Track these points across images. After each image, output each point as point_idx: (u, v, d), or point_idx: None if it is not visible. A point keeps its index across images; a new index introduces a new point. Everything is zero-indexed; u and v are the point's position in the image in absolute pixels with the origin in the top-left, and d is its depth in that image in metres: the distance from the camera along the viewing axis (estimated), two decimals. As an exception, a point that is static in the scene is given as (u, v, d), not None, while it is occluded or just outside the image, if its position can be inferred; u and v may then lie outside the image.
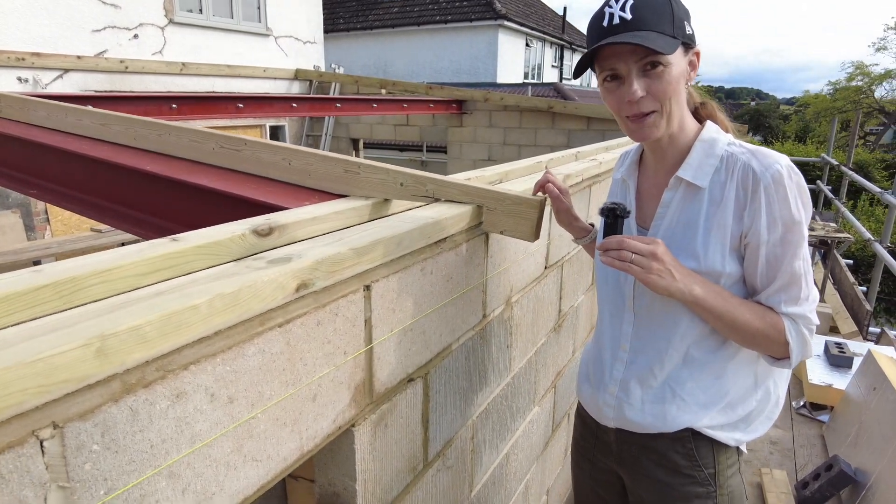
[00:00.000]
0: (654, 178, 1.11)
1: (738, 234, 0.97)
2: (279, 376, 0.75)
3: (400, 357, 1.00)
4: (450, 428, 1.24)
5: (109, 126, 1.86)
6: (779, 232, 0.93)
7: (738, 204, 0.96)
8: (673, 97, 0.96)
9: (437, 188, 1.25)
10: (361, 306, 0.87)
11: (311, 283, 0.77)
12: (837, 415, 2.77)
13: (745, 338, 0.98)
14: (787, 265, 0.94)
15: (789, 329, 0.96)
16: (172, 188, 1.56)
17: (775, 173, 0.93)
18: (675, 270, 0.93)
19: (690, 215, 1.01)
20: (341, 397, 0.87)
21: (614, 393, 1.14)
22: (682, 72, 0.96)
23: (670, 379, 1.07)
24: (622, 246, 0.93)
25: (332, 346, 0.83)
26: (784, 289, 0.96)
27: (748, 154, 0.97)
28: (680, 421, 1.06)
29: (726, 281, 0.99)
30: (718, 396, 1.06)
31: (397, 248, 0.94)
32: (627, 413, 1.11)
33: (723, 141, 1.00)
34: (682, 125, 1.02)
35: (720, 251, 0.98)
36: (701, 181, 0.99)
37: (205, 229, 1.02)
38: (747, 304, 0.98)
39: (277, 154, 1.49)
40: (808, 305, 0.97)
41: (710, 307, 0.96)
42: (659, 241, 0.94)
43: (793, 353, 0.97)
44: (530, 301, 1.63)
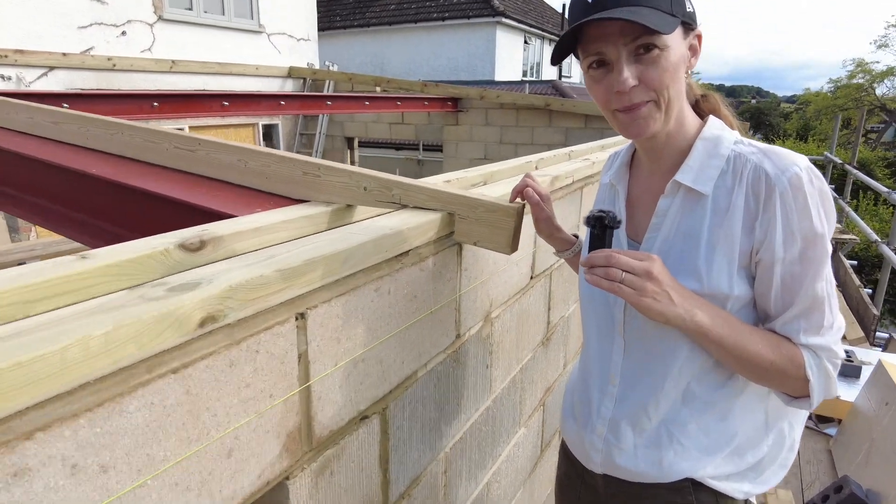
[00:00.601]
0: (647, 183, 0.96)
1: (748, 249, 0.81)
2: (177, 433, 0.60)
3: (348, 393, 0.86)
4: (417, 465, 1.10)
5: (62, 125, 1.72)
6: (797, 247, 0.78)
7: (747, 213, 0.81)
8: (671, 86, 0.81)
9: (404, 193, 1.11)
10: (293, 339, 0.73)
11: (220, 315, 0.63)
12: (846, 429, 2.62)
13: (757, 373, 0.83)
14: (808, 287, 0.79)
15: (809, 363, 0.81)
16: (124, 193, 1.42)
17: (793, 177, 0.77)
18: (675, 292, 0.78)
19: (691, 227, 0.86)
20: (269, 448, 0.73)
21: (602, 434, 0.99)
22: (682, 57, 0.82)
23: (667, 420, 0.92)
24: (610, 262, 0.77)
25: (253, 389, 0.68)
26: (804, 315, 0.80)
27: (760, 154, 0.81)
28: (678, 469, 0.91)
29: (733, 305, 0.84)
30: (724, 441, 0.91)
31: (343, 266, 0.80)
32: (617, 458, 0.96)
33: (729, 139, 0.86)
34: (680, 121, 0.87)
35: (726, 270, 0.82)
36: (703, 186, 0.84)
37: (124, 244, 0.88)
38: (760, 332, 0.83)
39: (233, 155, 1.35)
40: (832, 335, 0.81)
41: (717, 337, 0.80)
42: (655, 256, 0.78)
43: (813, 391, 0.81)
44: (514, 315, 1.48)
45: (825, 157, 7.14)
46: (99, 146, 1.62)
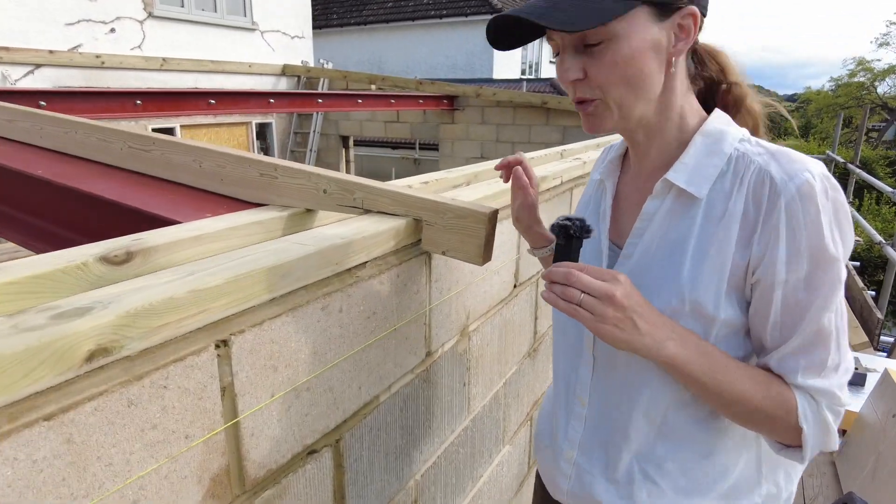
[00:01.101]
0: (635, 182, 0.84)
1: (743, 266, 0.69)
2: (54, 490, 0.50)
3: (290, 427, 0.75)
4: (380, 497, 0.99)
5: (15, 122, 1.62)
6: (803, 269, 0.65)
7: (745, 223, 0.68)
8: (623, 83, 0.68)
9: (366, 196, 1.00)
10: (212, 370, 0.62)
11: (115, 346, 0.53)
12: (851, 441, 2.52)
13: (740, 416, 0.71)
14: (813, 318, 0.66)
15: (804, 410, 0.68)
16: (72, 197, 1.32)
17: (803, 184, 0.64)
18: (641, 320, 0.66)
19: (679, 234, 0.73)
20: (187, 495, 0.62)
21: (571, 459, 0.87)
22: (648, 45, 0.67)
23: (640, 454, 0.80)
24: (569, 280, 0.66)
25: (162, 431, 0.58)
26: (804, 351, 0.67)
27: (766, 155, 0.69)
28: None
29: (720, 331, 0.71)
30: (706, 483, 0.78)
31: (281, 282, 0.69)
32: (587, 489, 0.84)
33: (734, 135, 0.72)
34: (665, 112, 0.74)
35: (714, 288, 0.70)
36: (697, 188, 0.71)
37: (36, 257, 0.77)
38: (746, 369, 0.70)
39: (188, 155, 1.24)
40: (836, 378, 0.68)
41: (690, 372, 0.68)
42: (622, 277, 0.66)
43: (807, 443, 0.68)
44: (495, 327, 1.38)
45: (827, 156, 7.03)
46: (53, 145, 1.52)
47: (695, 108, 0.77)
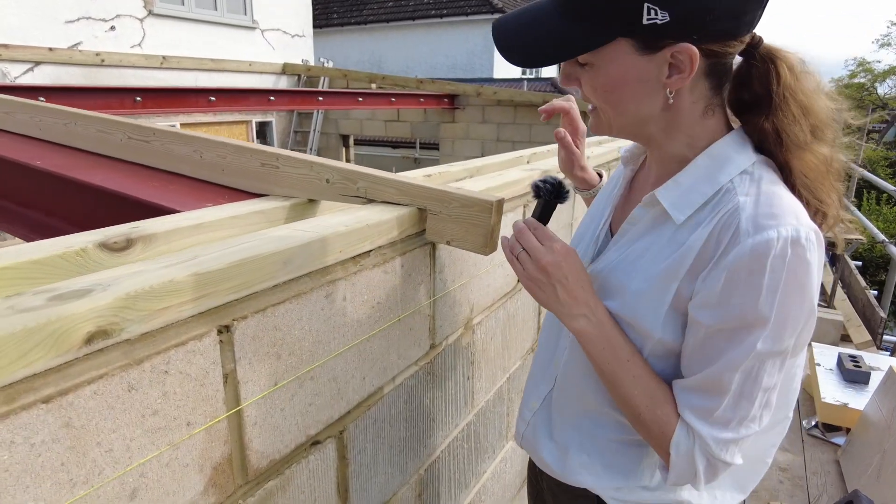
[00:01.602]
0: (645, 178, 0.84)
1: (687, 296, 0.68)
2: (53, 475, 0.49)
3: (294, 416, 0.74)
4: (384, 490, 0.98)
5: (14, 114, 1.61)
6: (729, 323, 0.63)
7: (700, 258, 0.66)
8: (607, 107, 0.71)
9: (370, 186, 0.99)
10: (214, 356, 0.61)
11: (115, 329, 0.51)
12: (855, 439, 2.50)
13: (626, 414, 0.75)
14: (719, 369, 0.64)
15: (678, 440, 0.68)
16: (72, 188, 1.30)
17: (760, 243, 0.61)
18: (562, 289, 0.72)
19: (643, 249, 0.74)
20: (188, 484, 0.61)
21: (534, 409, 0.94)
22: (633, 76, 0.66)
23: (580, 426, 0.85)
24: (517, 235, 0.76)
25: (163, 417, 0.57)
26: (699, 391, 0.67)
27: (751, 199, 0.65)
28: (579, 479, 0.85)
29: (657, 349, 0.71)
30: (637, 471, 0.81)
31: (284, 268, 0.68)
32: (536, 440, 0.92)
33: (738, 164, 0.68)
34: (669, 133, 0.71)
35: (655, 307, 0.70)
36: (678, 212, 0.70)
37: (35, 243, 0.76)
38: (648, 380, 0.71)
39: (188, 145, 1.23)
40: (720, 432, 0.66)
41: (591, 353, 0.73)
42: (557, 246, 0.73)
43: (672, 469, 0.70)
44: (499, 321, 1.36)
45: (828, 156, 7.03)
46: (52, 137, 1.51)
47: (712, 129, 0.71)
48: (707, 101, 0.70)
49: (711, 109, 0.70)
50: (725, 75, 0.69)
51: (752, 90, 0.69)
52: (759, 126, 0.69)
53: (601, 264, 0.80)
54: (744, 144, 0.70)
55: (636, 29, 0.63)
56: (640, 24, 0.62)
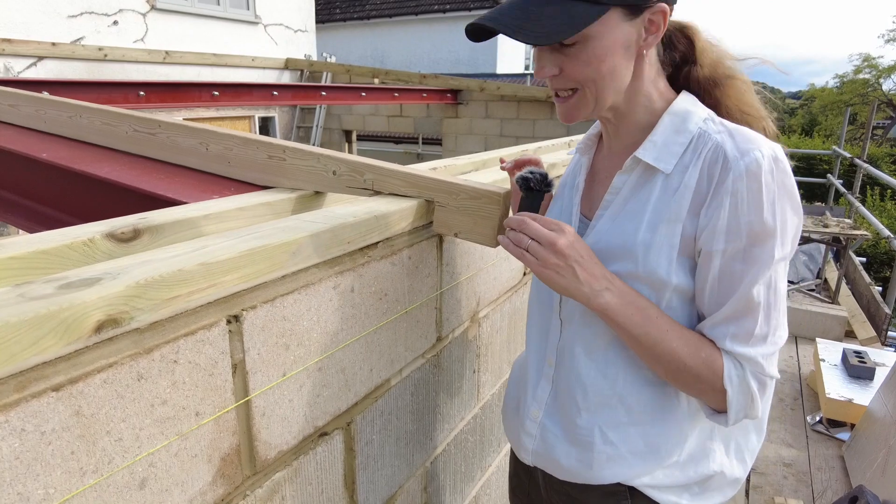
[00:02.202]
0: (608, 159, 0.87)
1: (692, 234, 0.72)
2: (63, 464, 0.48)
3: (302, 407, 0.74)
4: (391, 483, 0.98)
5: (18, 107, 1.60)
6: (741, 242, 0.69)
7: (697, 195, 0.72)
8: (597, 78, 0.73)
9: (377, 178, 0.99)
10: (223, 346, 0.61)
11: (125, 318, 0.51)
12: (860, 435, 2.50)
13: (671, 373, 0.74)
14: (746, 288, 0.69)
15: (730, 374, 0.71)
16: (77, 180, 1.30)
17: (752, 162, 0.68)
18: (581, 269, 0.71)
19: (638, 204, 0.77)
20: (197, 475, 0.61)
21: (537, 419, 0.88)
22: (620, 43, 0.72)
23: (600, 417, 0.82)
24: (521, 227, 0.73)
25: (172, 406, 0.56)
26: (734, 319, 0.71)
27: (724, 134, 0.73)
28: (609, 473, 0.81)
29: (673, 297, 0.75)
30: (664, 448, 0.80)
31: (292, 259, 0.68)
32: (550, 449, 0.86)
33: (699, 115, 0.77)
34: (634, 98, 0.78)
35: (666, 254, 0.73)
36: (665, 164, 0.75)
37: (43, 233, 0.76)
38: (680, 330, 0.73)
39: (194, 137, 1.23)
40: (763, 348, 0.71)
41: (623, 324, 0.72)
42: (567, 228, 0.73)
43: (731, 406, 0.72)
44: (505, 314, 1.36)
45: (833, 152, 6.99)
46: (57, 130, 1.51)
47: (663, 91, 0.79)
48: (657, 65, 0.78)
49: (660, 72, 0.79)
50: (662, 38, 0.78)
51: (677, 49, 0.80)
52: (697, 75, 0.79)
53: (595, 237, 0.80)
54: (695, 99, 0.79)
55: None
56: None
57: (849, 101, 22.04)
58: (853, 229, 4.59)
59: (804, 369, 3.51)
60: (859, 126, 19.67)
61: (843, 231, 4.56)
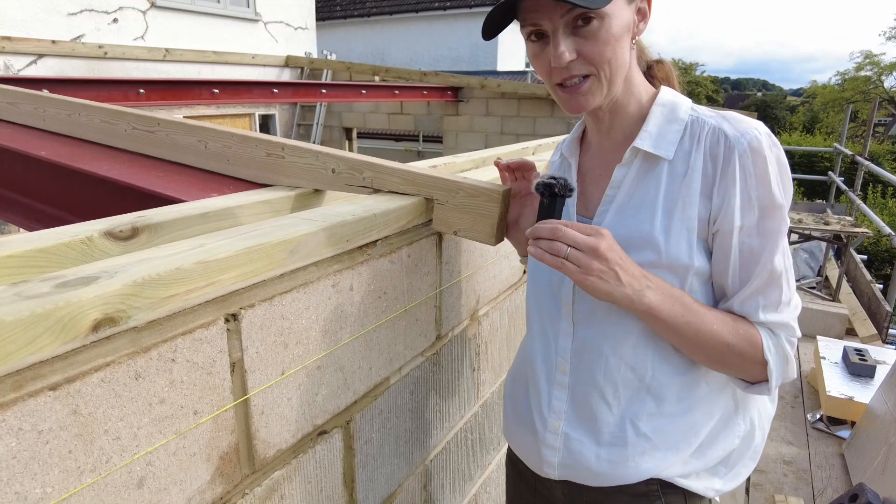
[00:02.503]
0: (599, 157, 0.87)
1: (706, 217, 0.75)
2: (60, 463, 0.48)
3: (301, 406, 0.73)
4: (390, 481, 0.98)
5: (18, 105, 1.60)
6: (755, 216, 0.73)
7: (705, 177, 0.74)
8: (613, 59, 0.74)
9: (376, 176, 0.98)
10: (222, 345, 0.61)
11: (122, 317, 0.51)
12: (860, 432, 2.50)
13: (714, 357, 0.76)
14: (766, 261, 0.73)
15: (767, 344, 0.75)
16: (75, 178, 1.30)
17: (753, 139, 0.72)
18: (622, 271, 0.71)
19: (646, 195, 0.78)
20: (195, 473, 0.61)
21: (558, 430, 0.86)
22: (626, 25, 0.74)
23: (631, 411, 0.81)
24: (556, 235, 0.71)
25: (170, 405, 0.56)
26: (762, 291, 0.74)
27: (718, 117, 0.77)
28: (644, 469, 0.81)
29: (694, 280, 0.77)
30: (692, 434, 0.81)
31: (290, 257, 0.67)
32: (578, 458, 0.84)
33: (685, 104, 0.80)
34: (629, 89, 0.80)
35: (686, 238, 0.75)
36: (664, 151, 0.77)
37: (41, 232, 0.76)
38: (716, 313, 0.75)
39: (193, 135, 1.22)
40: (789, 312, 0.76)
41: (668, 317, 0.73)
42: (604, 231, 0.71)
43: (772, 374, 0.75)
44: (504, 312, 1.36)
45: (835, 149, 6.98)
46: (56, 128, 1.50)
47: (643, 83, 0.83)
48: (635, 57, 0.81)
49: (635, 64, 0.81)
50: None
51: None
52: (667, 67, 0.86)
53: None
54: (675, 91, 0.83)
55: None
56: None
57: (850, 99, 21.99)
58: (854, 227, 4.59)
59: (805, 367, 3.51)
60: (861, 123, 19.62)
61: (844, 229, 4.55)
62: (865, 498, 1.88)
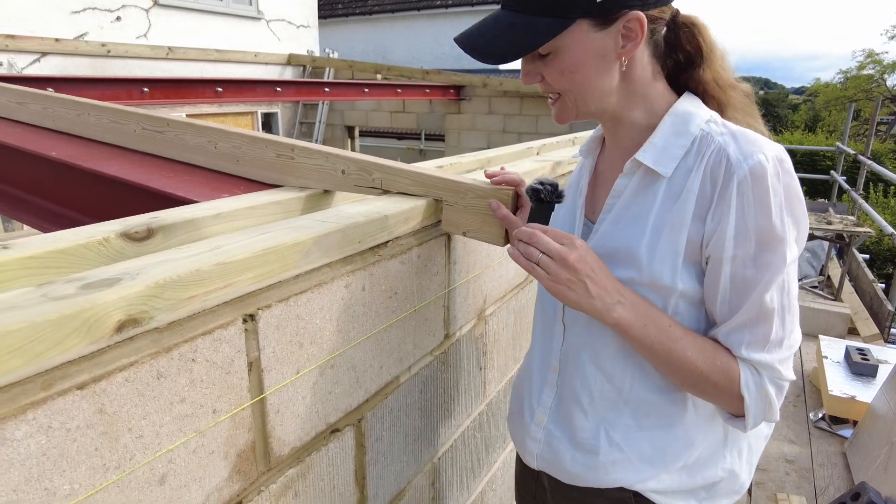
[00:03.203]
0: (611, 160, 0.86)
1: (698, 240, 0.72)
2: (87, 460, 0.50)
3: (315, 404, 0.75)
4: (399, 478, 0.99)
5: (26, 105, 1.61)
6: (751, 248, 0.68)
7: (701, 199, 0.71)
8: (573, 87, 0.75)
9: (385, 177, 0.99)
10: (240, 345, 0.62)
11: (144, 317, 0.52)
12: (862, 432, 2.51)
13: (686, 382, 0.74)
14: (759, 295, 0.69)
15: (746, 381, 0.71)
16: (85, 178, 1.31)
17: (756, 165, 0.67)
18: (592, 283, 0.70)
19: (640, 209, 0.76)
20: (214, 471, 0.62)
21: (542, 423, 0.89)
22: (594, 53, 0.72)
23: (606, 420, 0.82)
24: (531, 240, 0.72)
25: (190, 404, 0.58)
26: (748, 326, 0.70)
27: (728, 136, 0.72)
28: (615, 477, 0.81)
29: (679, 302, 0.74)
30: (672, 454, 0.80)
31: (305, 258, 0.69)
32: (555, 454, 0.86)
33: (701, 116, 0.75)
34: (627, 102, 0.77)
35: (670, 260, 0.73)
36: (664, 167, 0.74)
37: (58, 233, 0.77)
38: (694, 338, 0.73)
39: (203, 136, 1.23)
40: (778, 353, 0.71)
41: (637, 336, 0.72)
42: (578, 242, 0.72)
43: (749, 412, 0.72)
44: (510, 312, 1.37)
45: (837, 148, 6.97)
46: (65, 128, 1.52)
47: (662, 92, 0.78)
48: (653, 66, 0.77)
49: (657, 74, 0.78)
50: (660, 41, 0.77)
51: (683, 50, 0.78)
52: (701, 78, 0.78)
53: (597, 242, 0.80)
54: (697, 100, 0.78)
55: (592, 9, 0.69)
56: (594, 4, 0.69)
57: (852, 97, 21.94)
58: (856, 226, 4.59)
59: (807, 366, 3.52)
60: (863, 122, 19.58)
61: (846, 228, 4.55)
62: (868, 497, 1.89)
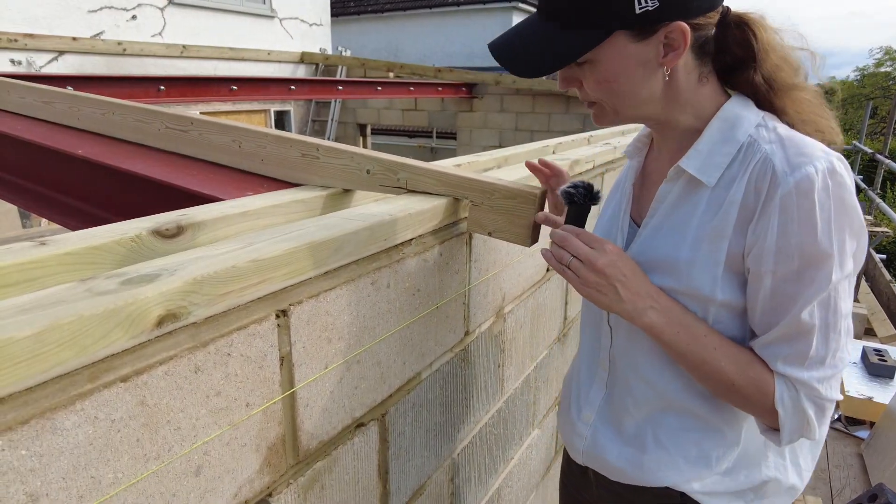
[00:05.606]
0: (658, 162, 0.85)
1: (740, 252, 0.70)
2: (130, 450, 0.51)
3: (341, 399, 0.76)
4: (420, 473, 1.00)
5: (53, 104, 1.64)
6: (793, 264, 0.66)
7: (744, 210, 0.69)
8: (610, 95, 0.74)
9: (410, 176, 1.00)
10: (273, 340, 0.63)
11: (183, 312, 0.53)
12: (879, 433, 2.48)
13: (718, 390, 0.73)
14: (798, 310, 0.66)
15: (781, 396, 0.69)
16: (112, 176, 1.33)
17: (802, 179, 0.64)
18: (623, 287, 0.70)
19: (682, 218, 0.75)
20: (246, 463, 0.63)
21: (589, 420, 0.90)
22: (633, 63, 0.70)
23: (652, 420, 0.82)
24: (563, 243, 0.73)
25: (225, 398, 0.59)
26: (786, 340, 0.68)
27: (776, 144, 0.68)
28: (660, 476, 0.82)
29: (719, 312, 0.73)
30: (718, 454, 0.80)
31: (334, 255, 0.70)
32: (600, 450, 0.87)
33: (750, 121, 0.72)
34: (671, 108, 0.75)
35: (710, 270, 0.71)
36: (708, 176, 0.72)
37: (91, 230, 0.79)
38: (728, 347, 0.71)
39: (227, 135, 1.25)
40: (819, 371, 0.68)
41: (669, 342, 0.72)
42: (608, 246, 0.72)
43: (783, 428, 0.70)
44: (528, 310, 1.38)
45: (854, 147, 6.88)
46: (90, 127, 1.54)
47: (710, 95, 0.75)
48: (699, 71, 0.74)
49: (705, 77, 0.75)
50: (708, 44, 0.73)
51: (733, 53, 0.74)
52: (752, 80, 0.73)
53: (638, 248, 0.80)
54: (748, 103, 0.75)
55: (630, 20, 0.67)
56: (633, 15, 0.67)
57: (870, 95, 21.61)
58: (873, 226, 4.53)
59: (822, 366, 3.49)
60: (880, 120, 19.28)
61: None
62: (885, 498, 1.87)
